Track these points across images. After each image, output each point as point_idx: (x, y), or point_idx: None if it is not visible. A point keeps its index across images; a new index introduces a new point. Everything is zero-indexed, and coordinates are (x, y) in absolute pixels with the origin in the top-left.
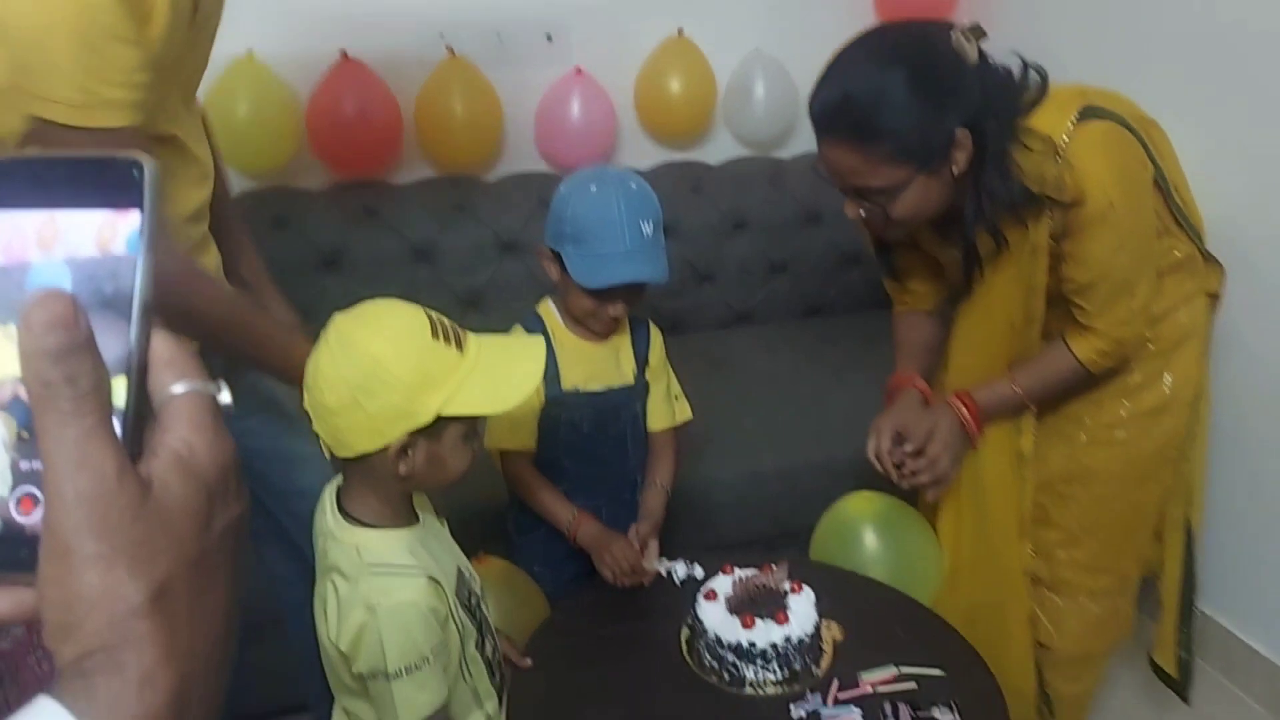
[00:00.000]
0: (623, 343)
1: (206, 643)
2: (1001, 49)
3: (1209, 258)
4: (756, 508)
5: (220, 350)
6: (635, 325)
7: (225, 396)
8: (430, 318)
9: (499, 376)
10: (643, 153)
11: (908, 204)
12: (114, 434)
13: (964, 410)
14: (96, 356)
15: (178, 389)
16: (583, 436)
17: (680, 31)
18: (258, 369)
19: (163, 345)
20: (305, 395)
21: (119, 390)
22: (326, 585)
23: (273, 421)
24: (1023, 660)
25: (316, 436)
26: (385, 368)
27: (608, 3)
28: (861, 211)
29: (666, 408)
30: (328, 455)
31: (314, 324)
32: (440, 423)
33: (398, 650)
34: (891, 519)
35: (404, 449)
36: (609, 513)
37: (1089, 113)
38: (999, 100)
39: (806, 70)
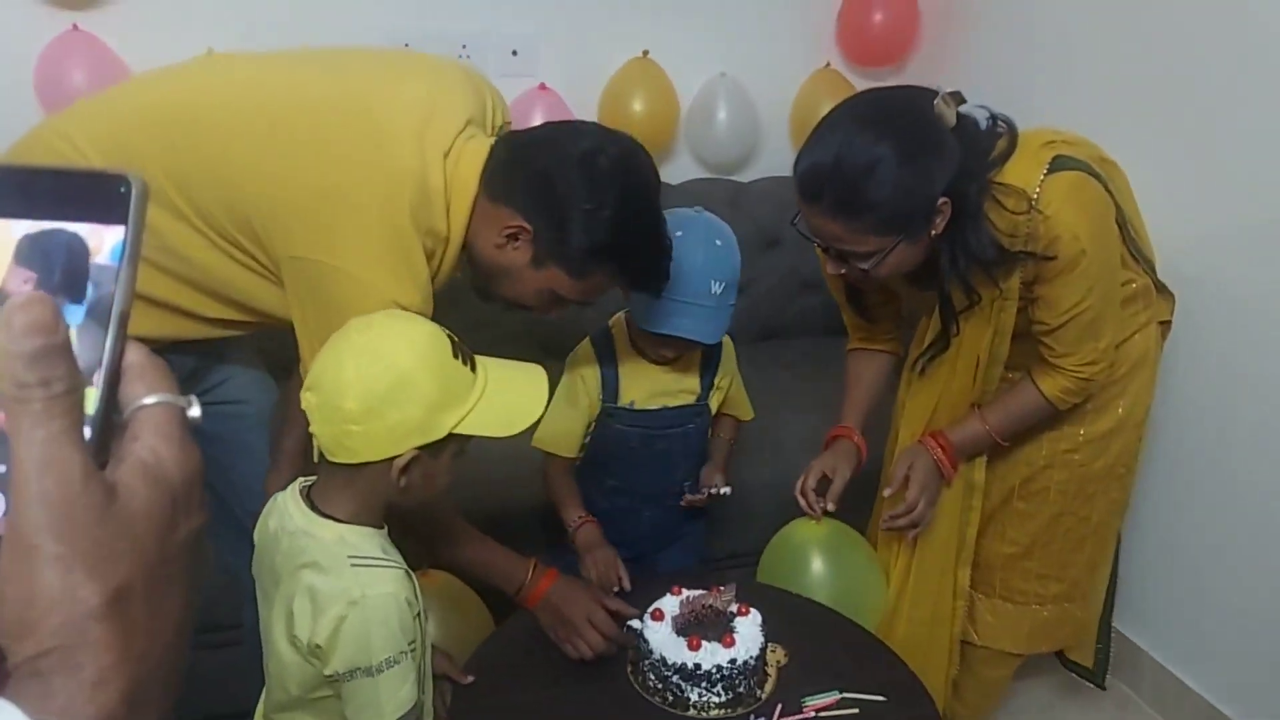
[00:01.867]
0: (693, 363)
1: (161, 648)
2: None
3: (1161, 288)
4: (706, 528)
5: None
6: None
7: (195, 410)
8: (450, 338)
9: (508, 401)
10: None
11: (888, 267)
12: (82, 438)
13: (939, 451)
14: (72, 362)
15: (148, 400)
16: (629, 449)
17: (645, 53)
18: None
19: (136, 356)
20: (310, 396)
21: (90, 397)
22: (296, 584)
23: (245, 414)
24: (941, 686)
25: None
26: (413, 381)
27: (576, 22)
28: (842, 270)
29: (738, 408)
30: (316, 458)
31: None
32: (444, 440)
33: (382, 642)
34: (838, 544)
35: (408, 463)
36: (650, 516)
37: (1059, 163)
38: (976, 162)
39: (769, 96)
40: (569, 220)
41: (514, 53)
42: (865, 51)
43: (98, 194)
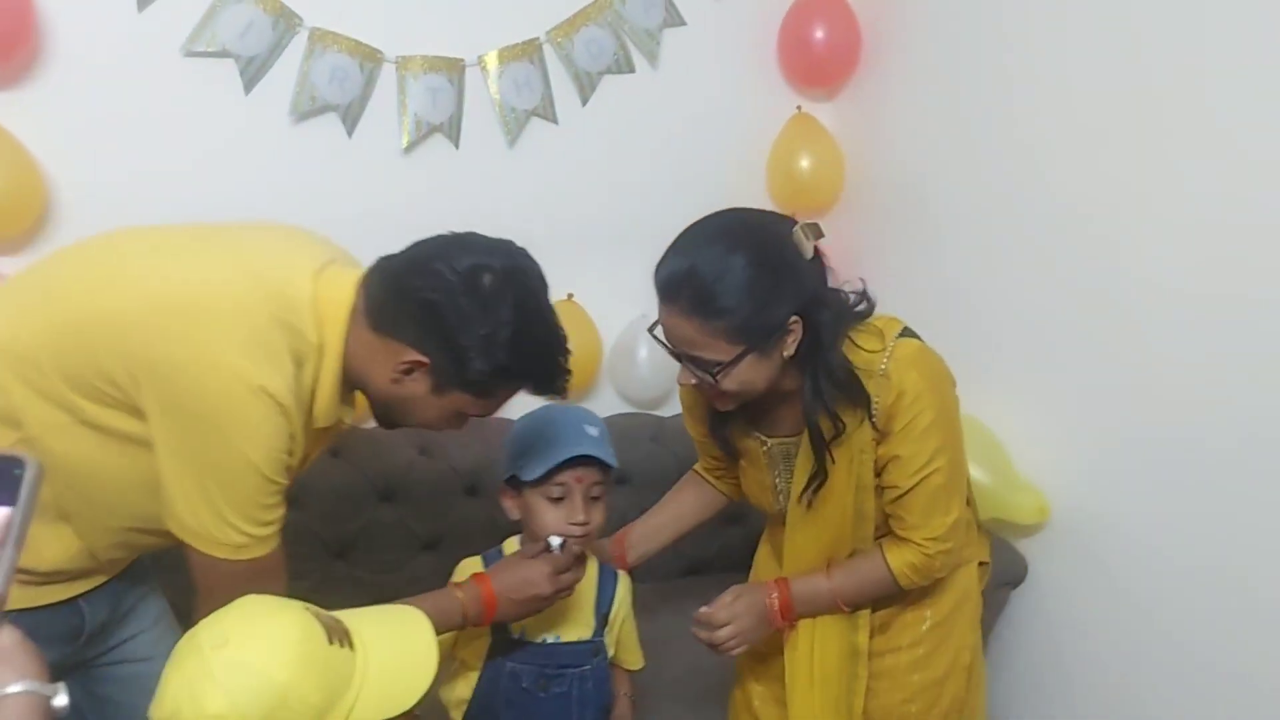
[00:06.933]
0: (586, 593)
1: None
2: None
3: (981, 527)
4: None
5: None
6: (604, 576)
7: (61, 699)
8: (319, 620)
9: (397, 670)
10: (528, 405)
11: (737, 378)
12: None
13: (774, 595)
14: None
15: (13, 688)
16: (521, 690)
17: (570, 296)
18: None
19: (7, 639)
20: None
21: None
22: None
23: (150, 674)
24: None
25: None
26: (294, 694)
27: None
28: (694, 380)
29: (627, 653)
30: None
31: None
32: None
33: None
34: None
35: None
36: None
37: (906, 332)
38: (831, 295)
39: None
40: (465, 349)
41: None
42: None
43: None
